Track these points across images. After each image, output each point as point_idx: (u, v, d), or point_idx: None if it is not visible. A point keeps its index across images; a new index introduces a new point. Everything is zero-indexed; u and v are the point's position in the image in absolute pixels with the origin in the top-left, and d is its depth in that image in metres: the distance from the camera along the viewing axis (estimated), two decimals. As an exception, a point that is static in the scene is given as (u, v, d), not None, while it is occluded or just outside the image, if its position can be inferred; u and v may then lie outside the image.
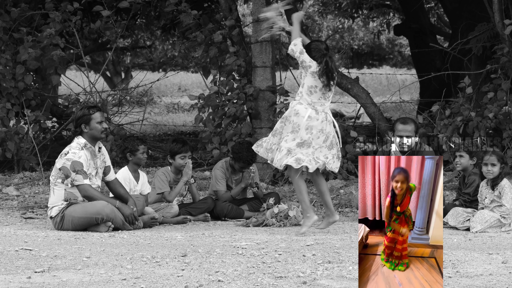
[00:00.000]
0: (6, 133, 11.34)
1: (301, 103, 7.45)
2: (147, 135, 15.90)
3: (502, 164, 7.82)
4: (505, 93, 10.66)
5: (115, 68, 29.39)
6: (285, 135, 7.45)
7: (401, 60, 37.79)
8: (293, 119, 7.44)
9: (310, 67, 7.44)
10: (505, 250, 6.62)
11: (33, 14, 11.91)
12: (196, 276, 5.42)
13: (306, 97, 7.44)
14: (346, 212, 9.17)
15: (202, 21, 11.27)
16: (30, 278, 5.39)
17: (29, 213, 9.07)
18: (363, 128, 15.10)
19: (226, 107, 11.03)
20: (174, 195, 8.53)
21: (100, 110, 7.91)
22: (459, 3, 14.67)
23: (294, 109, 7.47)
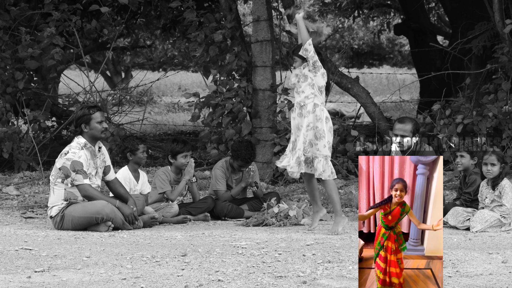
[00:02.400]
0: (5, 133, 11.34)
1: (319, 105, 7.54)
2: (147, 134, 15.90)
3: (502, 163, 7.81)
4: (505, 93, 10.66)
5: (115, 67, 29.39)
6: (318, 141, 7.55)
7: (401, 59, 37.79)
8: (317, 124, 7.55)
9: (321, 68, 7.57)
10: (505, 249, 6.62)
11: (33, 13, 11.91)
12: (196, 276, 5.42)
13: (320, 97, 7.56)
14: (346, 212, 9.16)
15: (206, 19, 11.27)
16: (30, 277, 5.39)
17: (29, 212, 9.07)
18: (363, 127, 15.10)
19: (225, 105, 11.03)
20: (177, 193, 8.54)
21: (100, 110, 7.91)
22: (459, 3, 14.67)
23: (321, 113, 7.56)
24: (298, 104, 7.65)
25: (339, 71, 11.65)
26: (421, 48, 15.25)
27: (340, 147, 10.95)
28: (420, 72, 15.82)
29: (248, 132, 10.89)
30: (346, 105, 20.41)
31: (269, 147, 10.90)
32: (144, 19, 19.42)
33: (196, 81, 32.37)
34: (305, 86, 7.61)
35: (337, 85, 11.79)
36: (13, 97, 11.67)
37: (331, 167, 7.58)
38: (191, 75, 34.00)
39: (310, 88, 7.59)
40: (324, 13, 24.65)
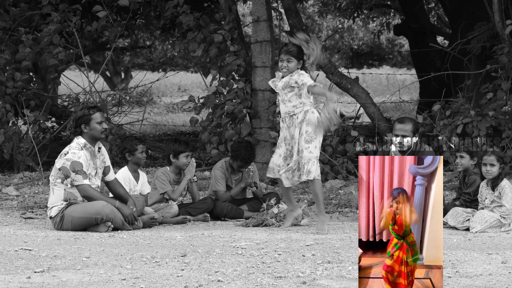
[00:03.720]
0: (5, 134, 11.34)
1: (308, 110, 7.62)
2: (146, 135, 15.91)
3: (502, 164, 7.80)
4: (505, 93, 10.66)
5: (115, 68, 29.40)
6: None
7: (401, 60, 37.80)
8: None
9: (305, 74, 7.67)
10: (505, 250, 6.61)
11: (33, 14, 11.91)
12: (195, 276, 5.42)
13: (307, 100, 7.66)
14: (345, 212, 9.16)
15: (202, 21, 11.26)
16: (30, 278, 5.39)
17: (29, 213, 9.06)
18: (363, 128, 15.10)
19: (225, 106, 11.03)
20: (178, 193, 8.54)
21: (100, 110, 7.91)
22: (459, 3, 14.68)
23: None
24: (287, 114, 7.65)
25: (338, 71, 11.65)
26: (421, 49, 15.25)
27: (340, 148, 10.95)
28: (420, 72, 15.82)
29: (247, 133, 10.89)
30: (345, 105, 20.39)
31: (269, 147, 10.90)
32: (144, 20, 19.43)
33: (196, 81, 32.39)
34: (291, 96, 7.62)
35: (336, 85, 11.79)
36: (13, 97, 11.67)
37: (318, 166, 7.63)
38: (191, 75, 34.00)
39: (297, 98, 7.61)
40: (324, 13, 24.67)
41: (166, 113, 24.06)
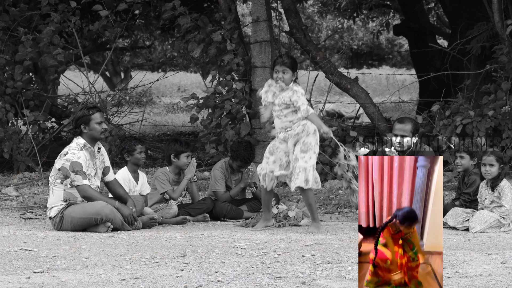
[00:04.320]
0: (5, 134, 11.34)
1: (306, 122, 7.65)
2: (146, 135, 15.90)
3: (501, 164, 7.80)
4: (505, 93, 10.66)
5: (115, 68, 29.40)
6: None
7: (401, 60, 37.82)
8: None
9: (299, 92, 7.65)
10: (504, 250, 6.61)
11: (32, 14, 11.91)
12: (195, 277, 5.42)
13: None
14: (345, 213, 9.16)
15: (201, 22, 11.26)
16: (29, 278, 5.39)
17: (28, 213, 9.06)
18: (363, 128, 15.10)
19: (224, 106, 11.03)
20: (179, 192, 8.54)
21: (100, 110, 7.90)
22: (459, 3, 14.68)
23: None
24: (283, 129, 7.62)
25: (338, 71, 11.65)
26: (421, 49, 15.25)
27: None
28: (420, 72, 15.82)
29: (247, 133, 10.89)
30: (345, 105, 20.42)
31: (269, 147, 10.89)
32: (144, 20, 19.43)
33: (195, 81, 32.37)
34: (287, 113, 7.60)
35: (336, 85, 11.79)
36: (13, 97, 11.67)
37: (315, 176, 7.60)
38: (191, 75, 34.00)
39: (293, 113, 7.60)
40: (323, 13, 24.68)
41: (166, 113, 24.06)
